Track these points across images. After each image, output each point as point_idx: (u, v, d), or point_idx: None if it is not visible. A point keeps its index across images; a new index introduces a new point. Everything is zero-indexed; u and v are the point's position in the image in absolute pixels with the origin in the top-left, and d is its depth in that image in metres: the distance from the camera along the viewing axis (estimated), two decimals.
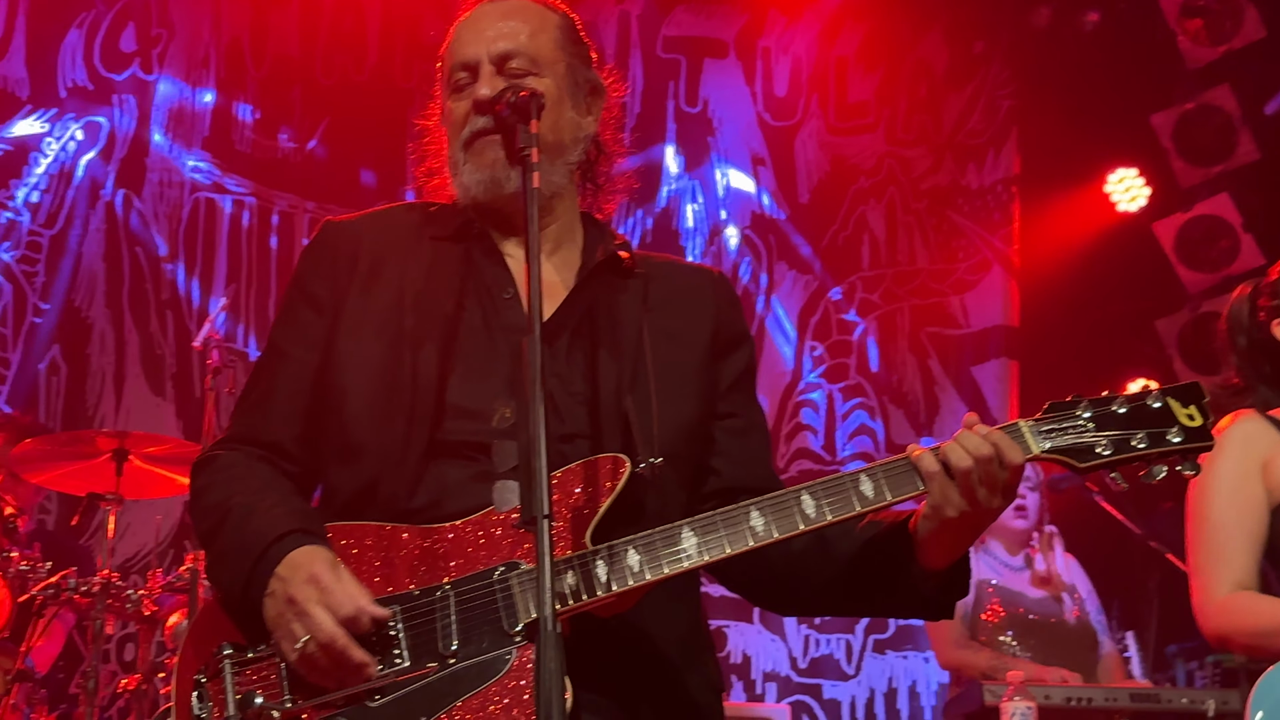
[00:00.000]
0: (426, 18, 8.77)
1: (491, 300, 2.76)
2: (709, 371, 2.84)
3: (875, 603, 2.80)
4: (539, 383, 2.29)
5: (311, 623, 2.43)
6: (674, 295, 2.88)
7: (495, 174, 2.75)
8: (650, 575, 2.49)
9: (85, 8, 8.68)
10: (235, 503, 2.63)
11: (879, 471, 2.57)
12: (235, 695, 2.48)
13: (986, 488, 2.51)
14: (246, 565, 2.53)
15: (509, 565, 2.51)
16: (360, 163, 8.67)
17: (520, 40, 2.80)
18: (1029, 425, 2.60)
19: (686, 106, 9.39)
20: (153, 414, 8.16)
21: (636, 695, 2.60)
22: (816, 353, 9.17)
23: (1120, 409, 2.61)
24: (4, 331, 8.19)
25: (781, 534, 2.53)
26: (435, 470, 2.61)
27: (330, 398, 2.72)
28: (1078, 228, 9.07)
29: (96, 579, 5.66)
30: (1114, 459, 2.59)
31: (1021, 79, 9.43)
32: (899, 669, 8.64)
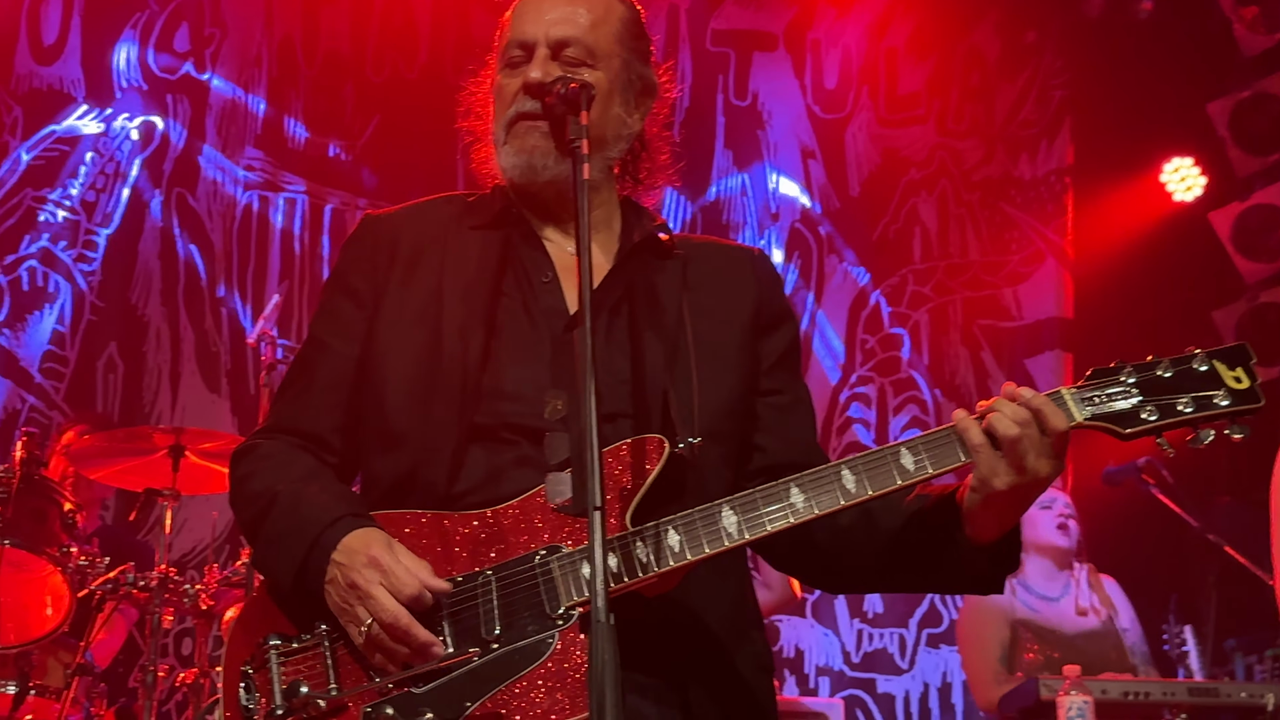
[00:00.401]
0: (476, 14, 8.80)
1: (530, 285, 2.78)
2: (750, 349, 2.83)
3: (923, 577, 2.76)
4: (591, 376, 2.29)
5: (375, 605, 2.44)
6: (714, 274, 2.88)
7: (532, 160, 2.76)
8: (691, 555, 2.49)
9: (139, 8, 8.76)
10: (281, 489, 2.65)
11: (920, 444, 2.54)
12: (281, 685, 2.50)
13: (1034, 454, 2.47)
14: (300, 551, 2.55)
15: (550, 549, 2.52)
16: (411, 159, 8.69)
17: (580, 28, 2.80)
18: (1071, 393, 2.55)
19: (736, 100, 9.37)
20: (208, 410, 8.23)
21: (684, 675, 2.60)
22: (868, 346, 9.13)
23: (1165, 373, 2.56)
24: (61, 329, 8.28)
25: (822, 510, 2.52)
26: (475, 455, 2.63)
27: (371, 387, 2.75)
28: (1132, 218, 8.98)
29: (154, 574, 5.71)
30: (1159, 424, 2.53)
31: (1075, 68, 9.34)
32: (953, 663, 8.59)
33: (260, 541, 2.69)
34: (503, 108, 2.83)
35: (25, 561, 5.60)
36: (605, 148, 2.83)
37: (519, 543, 2.54)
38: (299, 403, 2.82)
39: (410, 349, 2.72)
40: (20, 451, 5.68)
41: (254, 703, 2.52)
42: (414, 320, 2.75)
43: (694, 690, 2.60)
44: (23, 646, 5.64)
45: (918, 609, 8.68)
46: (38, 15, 8.65)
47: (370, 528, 2.55)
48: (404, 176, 8.70)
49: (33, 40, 8.61)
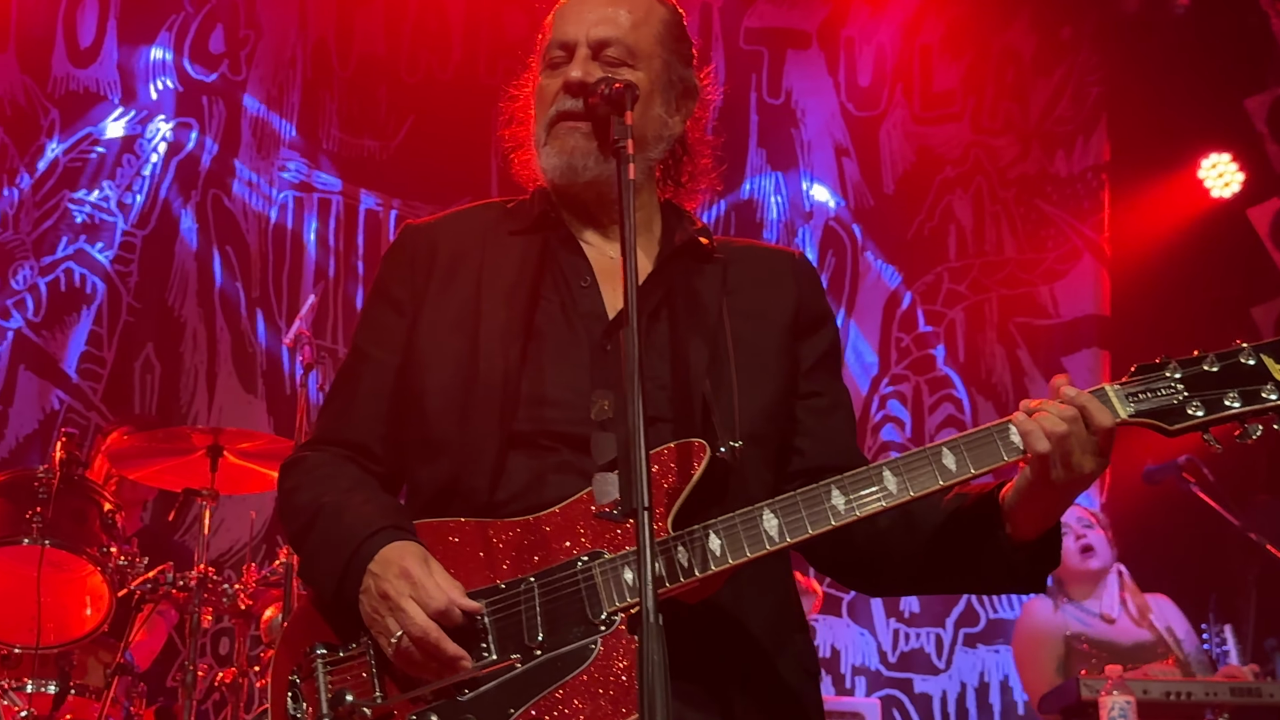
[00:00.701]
0: (510, 15, 8.82)
1: (569, 288, 2.77)
2: (790, 351, 2.82)
3: (964, 576, 2.73)
4: (637, 376, 2.29)
5: (404, 618, 2.45)
6: (754, 277, 2.87)
7: (573, 160, 2.76)
8: (733, 559, 2.48)
9: (174, 11, 8.80)
10: (326, 502, 2.67)
11: (961, 444, 2.53)
12: (327, 694, 2.51)
13: (1079, 451, 2.45)
14: (340, 563, 2.56)
15: (591, 555, 2.52)
16: (445, 160, 8.71)
17: (621, 29, 2.81)
18: (1115, 389, 2.52)
19: (769, 98, 9.34)
20: (244, 411, 8.26)
21: (727, 681, 2.59)
22: (903, 344, 9.10)
23: (1211, 368, 2.53)
24: (99, 330, 8.32)
25: (864, 512, 2.51)
26: (515, 462, 2.63)
27: (411, 396, 2.75)
28: (1170, 215, 8.93)
29: (193, 574, 5.73)
30: (1206, 420, 2.50)
31: (1110, 64, 9.29)
32: (990, 663, 8.55)
33: (305, 552, 2.71)
34: (543, 108, 2.83)
35: (65, 562, 5.63)
36: (646, 148, 2.83)
37: (561, 549, 2.54)
38: (344, 414, 2.85)
39: (449, 357, 2.73)
40: (60, 452, 5.71)
41: (301, 712, 2.54)
42: (452, 327, 2.76)
43: (737, 696, 2.59)
44: (63, 646, 5.66)
45: (954, 608, 8.64)
46: (74, 18, 8.69)
47: (408, 541, 2.56)
48: (438, 177, 8.71)
49: (69, 43, 8.65)
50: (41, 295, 8.30)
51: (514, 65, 3.05)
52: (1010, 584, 2.70)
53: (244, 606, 5.91)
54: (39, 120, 8.51)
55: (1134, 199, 9.05)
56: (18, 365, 8.19)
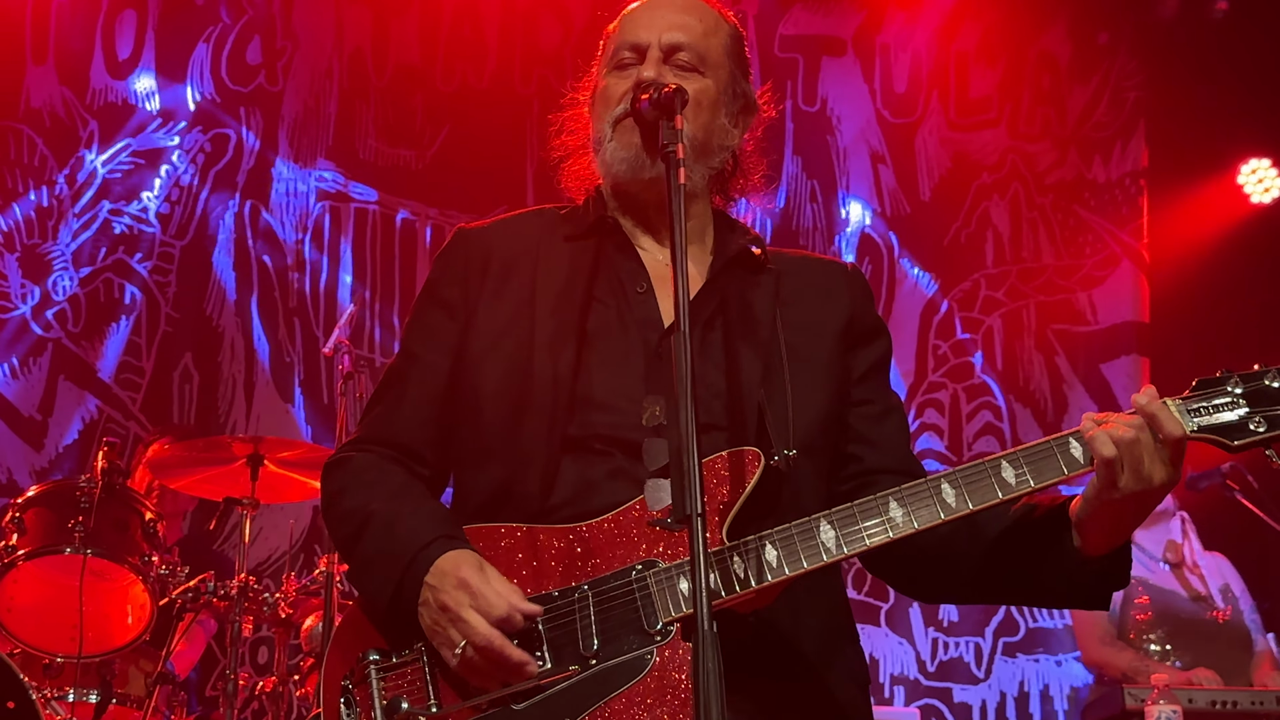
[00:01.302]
0: (545, 24, 8.82)
1: (625, 294, 2.77)
2: (842, 361, 2.82)
3: (1026, 586, 2.69)
4: (689, 380, 2.28)
5: (467, 628, 2.44)
6: (807, 289, 2.87)
7: (641, 154, 2.75)
8: (790, 570, 2.48)
9: (212, 22, 8.84)
10: (375, 509, 2.65)
11: (1021, 456, 2.51)
12: (381, 701, 2.50)
13: (1149, 459, 2.43)
14: (394, 575, 2.55)
15: (646, 564, 2.51)
16: (481, 169, 8.72)
17: (694, 34, 2.82)
18: (1177, 404, 2.49)
19: (804, 105, 9.32)
20: (282, 421, 8.28)
21: (777, 692, 2.58)
22: (940, 352, 9.06)
23: (1273, 382, 2.50)
24: (138, 340, 8.36)
25: (921, 525, 2.50)
26: (569, 467, 2.62)
27: (463, 400, 2.75)
28: (1209, 220, 8.87)
29: (234, 583, 5.74)
30: (1268, 436, 2.48)
31: (1148, 70, 9.24)
32: (1030, 672, 8.50)
33: (356, 561, 2.70)
34: (608, 107, 2.82)
35: (107, 571, 5.64)
36: (709, 156, 2.84)
37: (615, 557, 2.53)
38: (391, 414, 2.83)
39: (502, 361, 2.72)
40: (102, 461, 5.73)
41: (354, 717, 2.53)
42: (505, 331, 2.75)
43: (787, 708, 2.58)
44: (105, 655, 5.68)
45: (994, 618, 8.59)
46: (112, 30, 8.75)
47: (463, 549, 2.54)
48: (474, 186, 8.72)
49: (108, 54, 8.71)
50: (81, 306, 8.35)
51: (549, 74, 3.07)
52: (1074, 598, 2.66)
53: (284, 615, 5.92)
54: (78, 132, 8.57)
55: (1173, 205, 9.00)
56: (57, 375, 8.24)
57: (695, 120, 2.72)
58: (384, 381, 2.91)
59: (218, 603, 5.76)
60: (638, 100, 2.68)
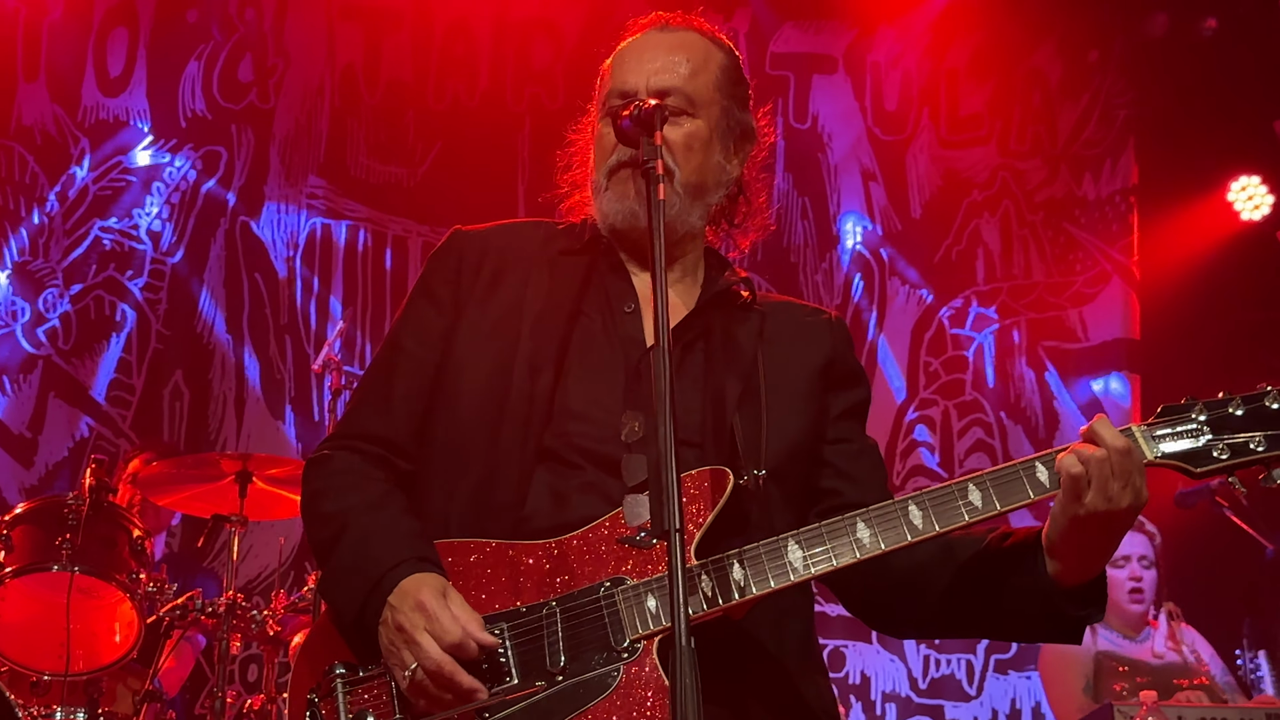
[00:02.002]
0: (536, 42, 8.84)
1: (612, 312, 2.79)
2: (819, 399, 2.84)
3: (1002, 617, 2.69)
4: (669, 397, 2.28)
5: (419, 650, 2.44)
6: (790, 330, 2.90)
7: (635, 206, 2.76)
8: (756, 589, 2.48)
9: (204, 40, 8.86)
10: (350, 521, 2.65)
11: (988, 480, 2.53)
12: (348, 714, 2.50)
13: (1119, 481, 2.44)
14: (362, 592, 2.56)
15: (614, 580, 2.52)
16: (472, 186, 8.73)
17: (681, 77, 2.83)
18: (1142, 430, 2.53)
19: (796, 123, 9.34)
20: (272, 438, 8.28)
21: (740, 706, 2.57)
22: (931, 369, 9.06)
23: (1236, 410, 2.53)
24: (128, 358, 8.36)
25: (888, 545, 2.51)
26: (542, 478, 2.63)
27: (445, 398, 2.76)
28: (1199, 237, 8.88)
29: (222, 600, 5.73)
30: (1231, 464, 2.51)
31: (1138, 88, 9.26)
32: (1022, 689, 8.49)
33: (328, 571, 2.70)
34: (603, 156, 2.85)
35: (95, 588, 5.63)
36: (706, 194, 2.86)
37: (583, 574, 2.54)
38: (376, 407, 2.84)
39: (485, 364, 2.74)
40: (89, 479, 5.72)
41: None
42: (491, 335, 2.77)
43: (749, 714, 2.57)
44: (92, 673, 5.66)
45: None
46: (104, 47, 8.76)
47: (429, 573, 2.54)
48: (465, 203, 8.72)
49: (99, 72, 8.73)
50: (71, 323, 8.35)
51: (540, 92, 3.09)
52: (1048, 629, 2.65)
53: (272, 632, 5.91)
54: (69, 149, 8.58)
55: (1163, 222, 9.01)
56: (48, 393, 8.24)
57: (688, 164, 2.75)
58: (369, 373, 2.93)
59: (206, 620, 5.74)
60: (619, 118, 2.68)
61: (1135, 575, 6.42)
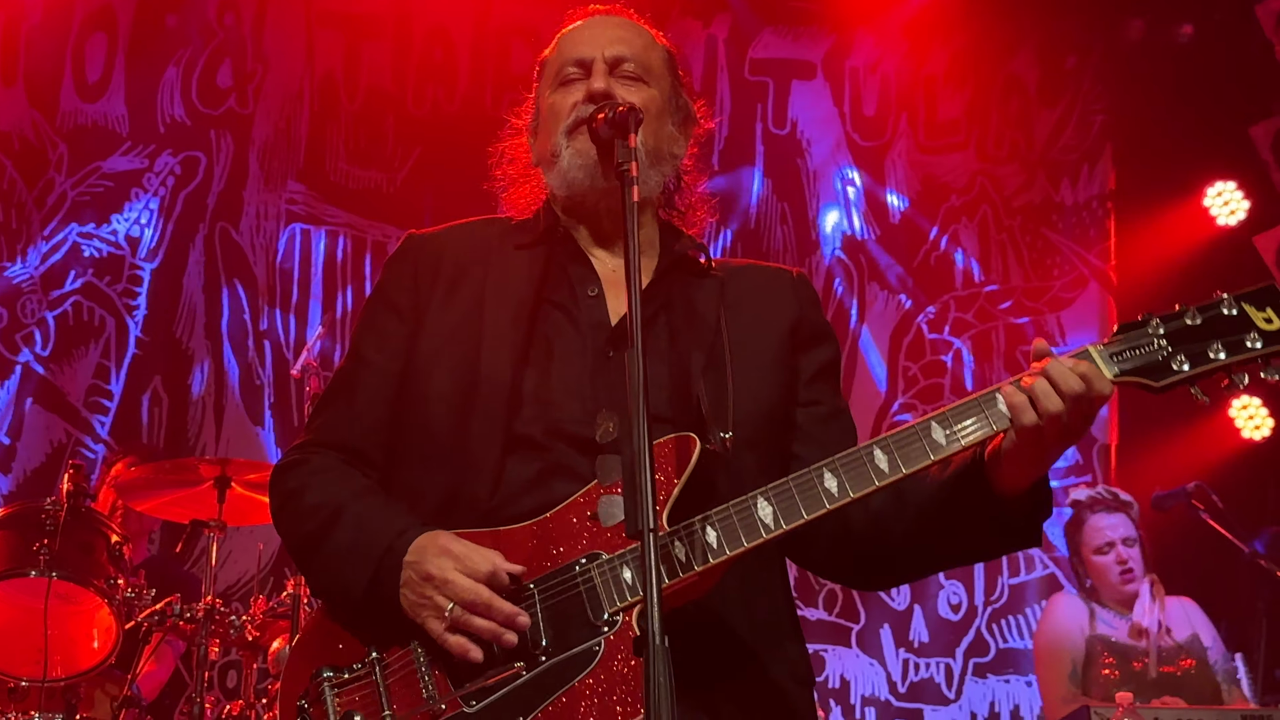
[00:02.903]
0: (516, 47, 8.85)
1: (575, 297, 2.81)
2: (788, 361, 2.85)
3: (960, 542, 2.68)
4: (642, 397, 2.29)
5: (454, 588, 2.47)
6: (752, 292, 2.91)
7: (596, 160, 2.77)
8: (730, 549, 2.49)
9: (183, 45, 8.84)
10: (344, 504, 2.67)
11: (950, 416, 2.52)
12: (336, 716, 2.52)
13: (1071, 418, 2.44)
14: (372, 561, 2.57)
15: (589, 557, 2.53)
16: (452, 192, 8.73)
17: (635, 47, 2.90)
18: (1100, 350, 2.52)
19: (775, 128, 9.37)
20: (252, 443, 8.26)
21: (713, 684, 2.58)
22: (910, 373, 9.09)
23: (1194, 320, 2.53)
24: (106, 363, 8.34)
25: (857, 492, 2.51)
26: (514, 466, 2.65)
27: (412, 402, 2.77)
28: (1176, 242, 8.91)
29: (200, 605, 5.72)
30: (1192, 373, 2.50)
31: (1115, 93, 9.31)
32: (1000, 693, 8.51)
33: (324, 555, 2.69)
34: (558, 121, 2.86)
35: (73, 594, 5.62)
36: (661, 163, 2.89)
37: (559, 554, 2.55)
38: (341, 418, 2.85)
39: (451, 363, 2.75)
40: (67, 484, 5.71)
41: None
42: (454, 335, 2.78)
43: (723, 700, 2.59)
44: (70, 679, 5.64)
45: (964, 638, 8.61)
46: (82, 53, 8.74)
47: (438, 531, 2.57)
48: (445, 209, 8.72)
49: (77, 77, 8.71)
50: (50, 329, 8.32)
51: (520, 98, 3.11)
52: (1005, 539, 2.65)
53: (251, 638, 5.89)
54: (47, 154, 8.56)
55: (1139, 227, 9.04)
56: (25, 399, 8.21)
57: (646, 128, 2.74)
58: (332, 384, 2.93)
59: (184, 625, 5.73)
60: (594, 120, 2.71)
61: (1122, 558, 6.44)
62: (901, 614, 8.61)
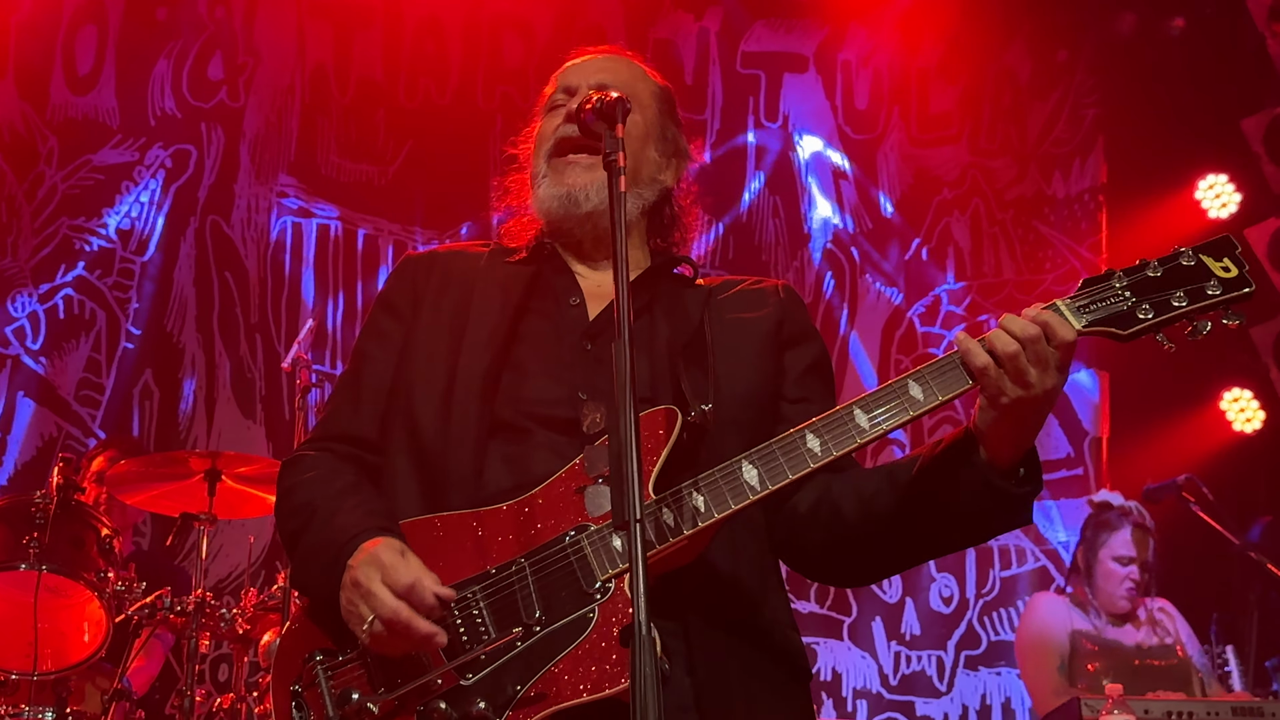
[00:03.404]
0: (508, 40, 8.84)
1: (558, 305, 2.91)
2: (773, 357, 2.90)
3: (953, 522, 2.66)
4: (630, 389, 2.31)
5: (375, 601, 2.50)
6: (736, 299, 2.99)
7: (573, 192, 2.90)
8: (718, 512, 2.54)
9: (173, 38, 8.83)
10: (319, 505, 2.74)
11: (926, 373, 2.57)
12: (332, 695, 2.55)
13: (1038, 369, 2.48)
14: (326, 565, 2.62)
15: (579, 528, 2.58)
16: (443, 185, 8.73)
17: (622, 77, 3.02)
18: (1066, 303, 2.60)
19: (767, 121, 9.37)
20: (243, 436, 8.25)
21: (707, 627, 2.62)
22: (902, 366, 9.09)
23: (1154, 273, 2.62)
24: (97, 357, 8.33)
25: (839, 450, 2.56)
26: (498, 448, 2.72)
27: (402, 392, 2.87)
28: (1167, 236, 8.91)
29: (191, 599, 5.72)
30: (1156, 321, 2.58)
31: (1107, 86, 9.32)
32: (992, 685, 8.52)
33: (297, 556, 2.79)
34: (543, 144, 3.01)
35: (62, 587, 5.61)
36: (639, 185, 2.98)
37: (548, 527, 2.60)
38: (346, 408, 2.96)
39: (436, 354, 2.86)
40: (57, 477, 5.70)
41: (307, 718, 2.57)
42: (440, 332, 2.89)
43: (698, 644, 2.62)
44: (60, 673, 5.64)
45: (956, 631, 8.62)
46: (73, 46, 8.73)
47: (388, 538, 2.60)
48: (436, 202, 8.72)
49: (68, 70, 8.69)
50: (40, 322, 8.31)
51: (512, 90, 3.20)
52: (998, 516, 2.64)
53: (242, 631, 5.89)
54: (38, 147, 8.54)
55: (1131, 220, 9.05)
56: (16, 392, 8.20)
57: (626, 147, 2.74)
58: (339, 382, 3.05)
59: (175, 619, 5.73)
60: (583, 111, 2.73)
61: (1135, 578, 6.45)
62: (893, 607, 8.62)
